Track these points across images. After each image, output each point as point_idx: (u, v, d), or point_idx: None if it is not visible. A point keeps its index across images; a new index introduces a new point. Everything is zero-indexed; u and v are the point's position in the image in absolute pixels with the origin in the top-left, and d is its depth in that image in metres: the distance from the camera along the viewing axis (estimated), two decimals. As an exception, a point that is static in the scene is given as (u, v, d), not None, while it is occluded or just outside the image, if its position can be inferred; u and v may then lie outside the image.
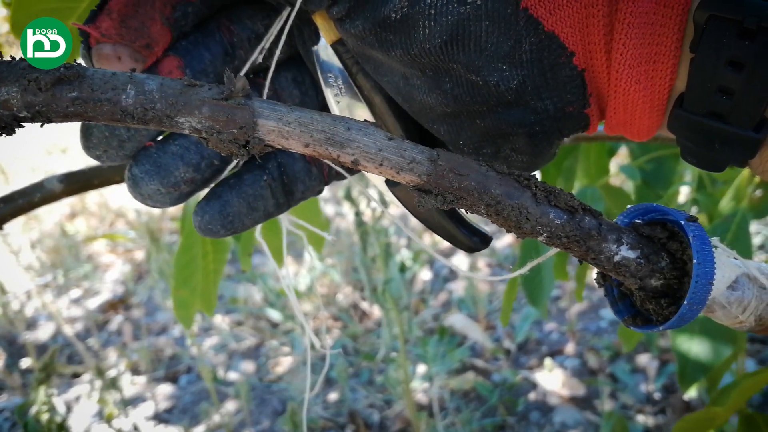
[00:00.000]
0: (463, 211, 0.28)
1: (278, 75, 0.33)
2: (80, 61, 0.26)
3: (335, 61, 0.31)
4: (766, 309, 0.27)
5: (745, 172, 0.71)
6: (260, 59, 0.31)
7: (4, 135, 0.24)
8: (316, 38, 0.31)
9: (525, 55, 0.26)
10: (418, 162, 0.24)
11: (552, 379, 1.58)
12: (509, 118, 0.28)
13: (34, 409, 1.10)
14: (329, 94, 0.32)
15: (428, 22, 0.25)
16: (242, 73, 0.31)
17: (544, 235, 0.25)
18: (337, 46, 0.30)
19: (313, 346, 0.36)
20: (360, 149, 0.24)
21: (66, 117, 0.23)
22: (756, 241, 1.84)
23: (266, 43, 0.31)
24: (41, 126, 0.24)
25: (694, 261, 0.24)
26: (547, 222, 0.25)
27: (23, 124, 0.24)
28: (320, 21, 0.29)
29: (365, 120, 0.25)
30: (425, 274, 2.04)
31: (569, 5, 0.26)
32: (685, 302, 0.25)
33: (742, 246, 0.68)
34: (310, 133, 0.24)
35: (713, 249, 0.25)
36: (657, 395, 1.50)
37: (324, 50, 0.31)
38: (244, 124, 0.23)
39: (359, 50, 0.29)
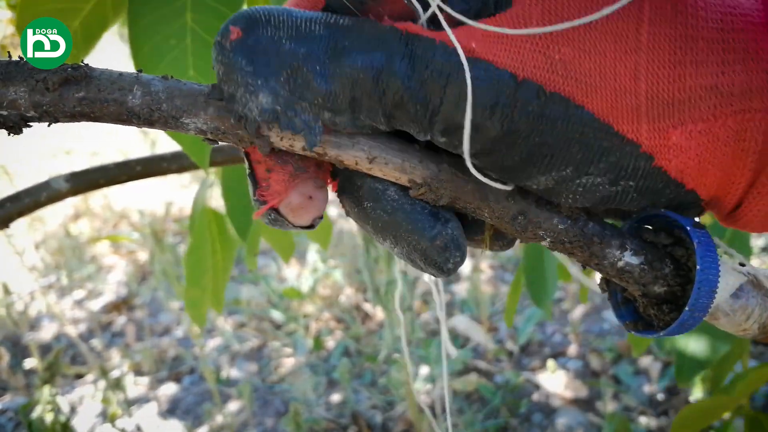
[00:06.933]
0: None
1: None
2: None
3: None
4: None
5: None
6: None
7: (12, 135, 0.24)
8: None
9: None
10: (423, 166, 0.24)
11: (554, 381, 1.58)
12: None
13: (38, 409, 1.11)
14: None
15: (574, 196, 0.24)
16: None
17: (548, 240, 0.25)
18: None
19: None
20: (363, 152, 0.24)
21: (73, 117, 0.23)
22: (759, 243, 1.84)
23: None
24: (49, 126, 0.24)
25: (698, 267, 0.24)
26: (550, 227, 0.25)
27: (30, 123, 0.24)
28: None
29: None
30: (427, 276, 2.04)
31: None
32: (687, 309, 0.24)
33: (741, 244, 0.69)
34: None
35: (719, 256, 0.25)
36: (660, 397, 1.50)
37: None
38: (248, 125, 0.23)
39: None
